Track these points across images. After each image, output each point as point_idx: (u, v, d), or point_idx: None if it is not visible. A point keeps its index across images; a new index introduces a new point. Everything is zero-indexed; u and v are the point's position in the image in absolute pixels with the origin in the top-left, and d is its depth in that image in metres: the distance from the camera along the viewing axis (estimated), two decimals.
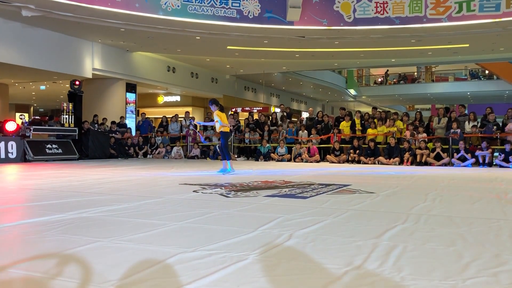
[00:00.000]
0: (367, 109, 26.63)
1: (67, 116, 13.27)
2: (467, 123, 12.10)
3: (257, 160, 13.47)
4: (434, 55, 17.18)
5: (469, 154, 11.20)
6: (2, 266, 2.05)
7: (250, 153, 14.53)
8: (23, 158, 11.56)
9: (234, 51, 16.10)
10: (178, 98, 22.59)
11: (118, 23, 12.43)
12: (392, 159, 11.79)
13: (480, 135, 11.59)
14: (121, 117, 16.11)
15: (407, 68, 29.16)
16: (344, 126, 13.37)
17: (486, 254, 2.31)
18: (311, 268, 2.08)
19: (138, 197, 4.56)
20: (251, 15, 12.78)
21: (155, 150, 15.08)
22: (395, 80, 32.28)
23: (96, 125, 14.63)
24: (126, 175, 7.55)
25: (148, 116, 18.45)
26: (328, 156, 12.92)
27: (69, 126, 13.23)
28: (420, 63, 23.16)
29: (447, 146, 11.73)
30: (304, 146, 13.30)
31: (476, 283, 1.86)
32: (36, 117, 27.03)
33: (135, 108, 17.86)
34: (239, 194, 4.78)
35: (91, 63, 15.28)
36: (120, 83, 16.94)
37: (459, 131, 11.72)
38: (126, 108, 17.22)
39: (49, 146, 12.33)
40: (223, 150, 8.22)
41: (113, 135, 14.56)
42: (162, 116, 17.15)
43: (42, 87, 20.18)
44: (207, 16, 12.45)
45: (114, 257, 2.23)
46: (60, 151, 12.50)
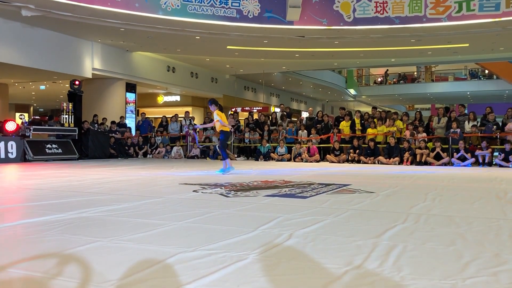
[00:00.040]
0: (367, 109, 26.62)
1: (67, 116, 13.27)
2: (467, 122, 12.10)
3: (257, 160, 13.47)
4: (433, 55, 17.18)
5: (469, 154, 11.20)
6: (2, 266, 2.05)
7: (250, 153, 14.52)
8: (23, 158, 11.56)
9: (234, 51, 16.10)
10: (178, 98, 22.59)
11: (118, 23, 12.43)
12: (392, 159, 11.79)
13: (480, 135, 11.59)
14: (121, 117, 16.11)
15: (407, 67, 29.18)
16: (344, 126, 13.37)
17: (486, 254, 2.32)
18: (311, 267, 2.08)
19: (138, 197, 4.56)
20: (251, 15, 12.78)
21: (155, 150, 15.08)
22: (395, 80, 32.29)
23: (96, 125, 14.62)
24: (126, 175, 7.55)
25: (148, 116, 18.45)
26: (328, 155, 12.92)
27: (69, 126, 13.23)
28: (420, 62, 23.18)
29: (447, 146, 11.73)
30: (304, 146, 13.30)
31: (476, 283, 1.86)
32: (36, 117, 27.02)
33: (135, 108, 17.86)
34: (239, 194, 4.78)
35: (91, 63, 15.28)
36: (120, 83, 16.94)
37: (459, 130, 11.72)
38: (126, 108, 17.22)
39: (49, 146, 12.33)
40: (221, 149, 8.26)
41: (113, 135, 14.56)
42: (162, 116, 17.16)
43: (42, 87, 20.17)
44: (207, 16, 12.45)
45: (114, 257, 2.23)
46: (60, 151, 12.50)
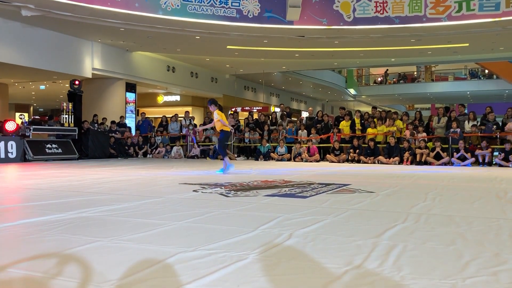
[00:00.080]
0: (367, 108, 26.61)
1: (67, 115, 13.28)
2: (466, 122, 12.11)
3: (257, 159, 13.47)
4: (433, 55, 17.18)
5: (468, 154, 11.21)
6: (2, 266, 2.05)
7: (250, 152, 14.52)
8: (22, 158, 11.56)
9: (234, 51, 16.10)
10: (178, 98, 22.59)
11: (118, 23, 12.43)
12: (392, 159, 11.79)
13: (479, 135, 11.59)
14: (121, 116, 16.11)
15: (407, 67, 29.18)
16: (344, 125, 13.37)
17: (486, 253, 2.31)
18: (311, 267, 2.08)
19: (138, 196, 4.56)
20: (250, 15, 12.78)
21: (155, 150, 15.08)
22: (394, 80, 32.29)
23: (96, 124, 14.62)
24: (126, 174, 7.55)
25: (148, 116, 18.46)
26: (328, 155, 12.92)
27: (68, 126, 13.23)
28: (419, 62, 23.18)
29: (447, 146, 11.73)
30: (304, 145, 13.30)
31: (476, 282, 1.86)
32: (36, 116, 27.01)
33: (135, 108, 17.86)
34: (239, 194, 4.78)
35: (91, 63, 15.28)
36: (119, 82, 16.93)
37: (458, 130, 11.73)
38: (126, 107, 17.22)
39: (48, 146, 12.33)
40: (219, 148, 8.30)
41: (113, 134, 14.56)
42: (162, 116, 17.17)
43: (42, 87, 20.17)
44: (207, 16, 12.45)
45: (114, 256, 2.23)
46: (60, 151, 12.50)
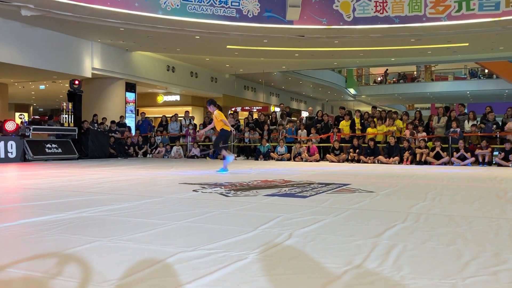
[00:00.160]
0: (367, 108, 26.62)
1: (66, 115, 13.27)
2: (466, 122, 12.11)
3: (256, 159, 13.47)
4: (433, 54, 17.18)
5: (468, 153, 11.21)
6: (2, 266, 2.04)
7: (250, 152, 14.52)
8: (22, 158, 11.56)
9: (234, 51, 16.10)
10: (177, 98, 22.58)
11: (118, 23, 12.43)
12: (391, 158, 11.79)
13: (479, 134, 11.60)
14: (120, 116, 16.11)
15: (407, 67, 29.17)
16: (344, 125, 13.38)
17: (485, 253, 2.31)
18: (311, 267, 2.08)
19: (138, 196, 4.56)
20: (250, 14, 12.77)
21: (154, 150, 15.08)
22: (394, 79, 32.29)
23: (95, 124, 14.62)
24: (125, 174, 7.55)
25: (148, 116, 18.45)
26: (327, 155, 12.92)
27: (68, 126, 13.23)
28: (419, 62, 23.18)
29: (447, 145, 11.74)
30: (304, 145, 13.30)
31: (476, 282, 1.85)
32: (36, 116, 27.05)
33: (135, 108, 17.85)
34: (239, 194, 4.78)
35: (91, 63, 15.27)
36: (119, 82, 16.93)
37: (458, 130, 11.73)
38: (125, 107, 17.22)
39: (48, 145, 12.32)
40: (219, 146, 8.34)
41: (112, 134, 14.56)
42: (161, 116, 17.17)
43: (42, 87, 20.16)
44: (207, 16, 12.44)
45: (114, 256, 2.23)
46: (59, 150, 12.50)
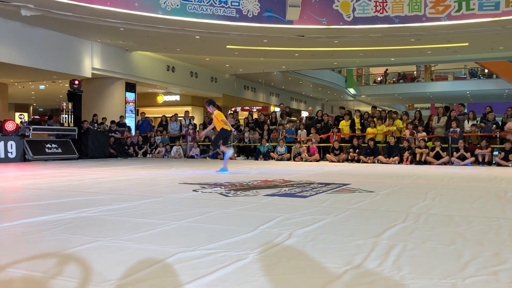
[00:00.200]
0: (367, 108, 26.62)
1: (66, 115, 13.27)
2: (466, 122, 12.11)
3: (256, 159, 13.47)
4: (433, 54, 17.17)
5: (468, 153, 11.21)
6: (2, 266, 2.04)
7: (250, 152, 14.52)
8: (22, 158, 11.55)
9: (234, 50, 16.10)
10: (177, 98, 22.58)
11: (118, 23, 12.42)
12: (391, 158, 11.79)
13: (479, 134, 11.60)
14: (120, 116, 16.11)
15: (407, 67, 29.17)
16: (344, 125, 13.38)
17: (485, 253, 2.31)
18: (310, 267, 2.08)
19: (138, 196, 4.56)
20: (250, 14, 12.77)
21: (154, 150, 15.08)
22: (394, 79, 32.30)
23: (95, 124, 14.62)
24: (125, 174, 7.55)
25: (148, 116, 18.45)
26: (327, 155, 12.92)
27: (68, 126, 13.22)
28: (419, 62, 23.18)
29: (447, 145, 11.74)
30: (304, 145, 13.30)
31: (476, 282, 1.85)
32: (36, 116, 27.07)
33: (135, 108, 17.85)
34: (239, 193, 4.78)
35: (91, 63, 15.27)
36: (119, 82, 16.93)
37: (458, 130, 11.73)
38: (125, 107, 17.22)
39: (48, 145, 12.32)
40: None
41: (112, 134, 14.56)
42: (161, 116, 17.18)
43: (42, 87, 20.16)
44: (207, 15, 12.44)
45: (113, 256, 2.23)
46: (59, 150, 12.50)
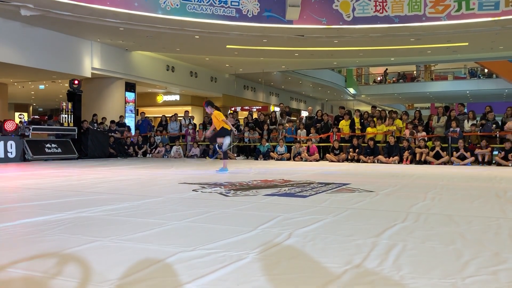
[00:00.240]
0: (367, 108, 26.62)
1: (66, 115, 13.27)
2: (466, 121, 12.12)
3: (256, 159, 13.47)
4: (433, 54, 17.18)
5: (468, 153, 11.21)
6: (2, 266, 2.04)
7: (250, 152, 14.53)
8: (22, 158, 11.55)
9: (233, 50, 16.09)
10: (177, 97, 22.58)
11: (117, 22, 12.42)
12: (391, 158, 11.79)
13: (479, 134, 11.60)
14: (120, 116, 16.10)
15: (406, 66, 29.19)
16: (344, 125, 13.38)
17: (485, 253, 2.31)
18: (310, 267, 2.08)
19: (138, 196, 4.56)
20: (250, 14, 12.77)
21: (154, 150, 15.07)
22: (394, 79, 32.31)
23: (95, 124, 14.62)
24: (125, 174, 7.55)
25: (148, 115, 18.45)
26: (327, 155, 12.92)
27: (68, 126, 13.22)
28: (419, 61, 23.19)
29: (447, 145, 11.74)
30: (304, 145, 13.30)
31: (476, 282, 1.86)
32: (35, 116, 27.07)
33: (135, 107, 17.85)
34: (239, 193, 4.78)
35: (90, 62, 15.27)
36: (119, 82, 16.92)
37: (458, 129, 11.74)
38: (125, 107, 17.22)
39: (48, 145, 12.32)
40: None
41: (112, 134, 14.56)
42: (161, 115, 17.18)
43: (41, 87, 20.15)
44: (206, 15, 12.44)
45: (113, 256, 2.23)
46: (59, 150, 12.49)
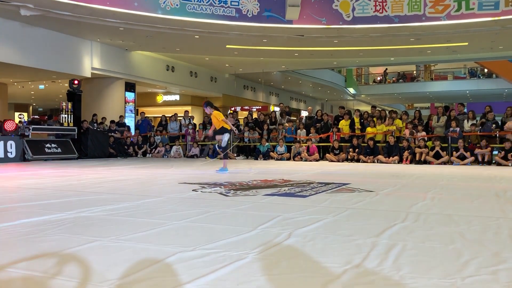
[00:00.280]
0: (366, 107, 26.61)
1: (66, 115, 13.27)
2: (466, 121, 12.12)
3: (256, 159, 13.47)
4: (433, 54, 17.18)
5: (468, 153, 11.21)
6: (2, 266, 2.04)
7: (250, 152, 14.53)
8: (22, 158, 11.55)
9: (233, 50, 16.09)
10: (177, 97, 22.58)
11: (117, 22, 12.42)
12: (391, 158, 11.79)
13: (479, 134, 11.61)
14: (120, 116, 16.10)
15: (406, 66, 29.18)
16: (344, 124, 13.38)
17: (485, 253, 2.32)
18: (310, 267, 2.08)
19: (138, 196, 4.56)
20: (250, 14, 12.77)
21: (154, 149, 15.07)
22: (394, 79, 32.30)
23: (95, 124, 14.61)
24: (125, 174, 7.55)
25: (147, 115, 18.45)
26: (327, 155, 12.92)
27: (68, 126, 13.22)
28: (419, 61, 23.18)
29: (446, 145, 11.74)
30: (304, 145, 13.30)
31: (475, 281, 1.86)
32: (35, 116, 27.07)
33: (134, 107, 17.85)
34: (239, 193, 4.78)
35: (90, 62, 15.26)
36: (119, 82, 16.92)
37: (458, 129, 11.74)
38: (125, 107, 17.21)
39: (48, 145, 12.32)
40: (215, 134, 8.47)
41: (112, 134, 14.56)
42: (161, 115, 17.18)
43: (41, 87, 20.15)
44: (206, 15, 12.44)
45: (113, 256, 2.23)
46: (59, 150, 12.49)
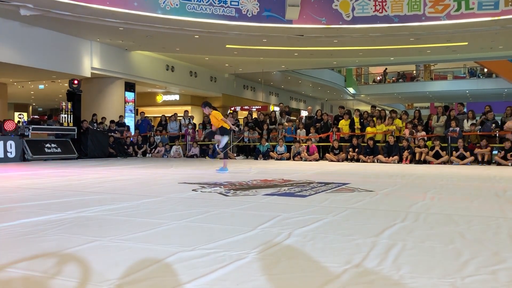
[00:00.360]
0: (366, 107, 26.61)
1: (66, 115, 13.27)
2: (466, 121, 12.12)
3: (256, 158, 13.47)
4: (433, 54, 17.18)
5: (467, 153, 11.22)
6: (2, 266, 2.04)
7: (249, 152, 14.53)
8: (22, 158, 11.55)
9: (233, 50, 16.09)
10: (177, 97, 22.58)
11: (117, 22, 12.42)
12: (391, 158, 11.80)
13: (479, 133, 11.61)
14: (120, 116, 16.10)
15: (406, 66, 29.19)
16: (343, 124, 13.39)
17: (485, 252, 2.32)
18: (310, 266, 2.08)
19: (137, 196, 4.56)
20: (249, 14, 12.77)
21: (154, 149, 15.08)
22: (394, 79, 32.30)
23: (95, 124, 14.62)
24: (125, 174, 7.55)
25: (147, 115, 18.45)
26: (327, 154, 12.93)
27: (68, 125, 13.22)
28: (419, 61, 23.19)
29: (446, 145, 11.75)
30: (303, 144, 13.30)
31: (475, 281, 1.86)
32: (35, 116, 27.07)
33: (134, 107, 17.85)
34: (238, 193, 4.78)
35: (90, 62, 15.26)
36: (119, 82, 16.92)
37: (458, 129, 11.74)
38: (125, 107, 17.21)
39: (48, 145, 12.32)
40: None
41: (112, 134, 14.56)
42: (161, 115, 17.18)
43: (41, 86, 20.14)
44: (206, 15, 12.44)
45: (113, 256, 2.23)
46: (59, 150, 12.49)
